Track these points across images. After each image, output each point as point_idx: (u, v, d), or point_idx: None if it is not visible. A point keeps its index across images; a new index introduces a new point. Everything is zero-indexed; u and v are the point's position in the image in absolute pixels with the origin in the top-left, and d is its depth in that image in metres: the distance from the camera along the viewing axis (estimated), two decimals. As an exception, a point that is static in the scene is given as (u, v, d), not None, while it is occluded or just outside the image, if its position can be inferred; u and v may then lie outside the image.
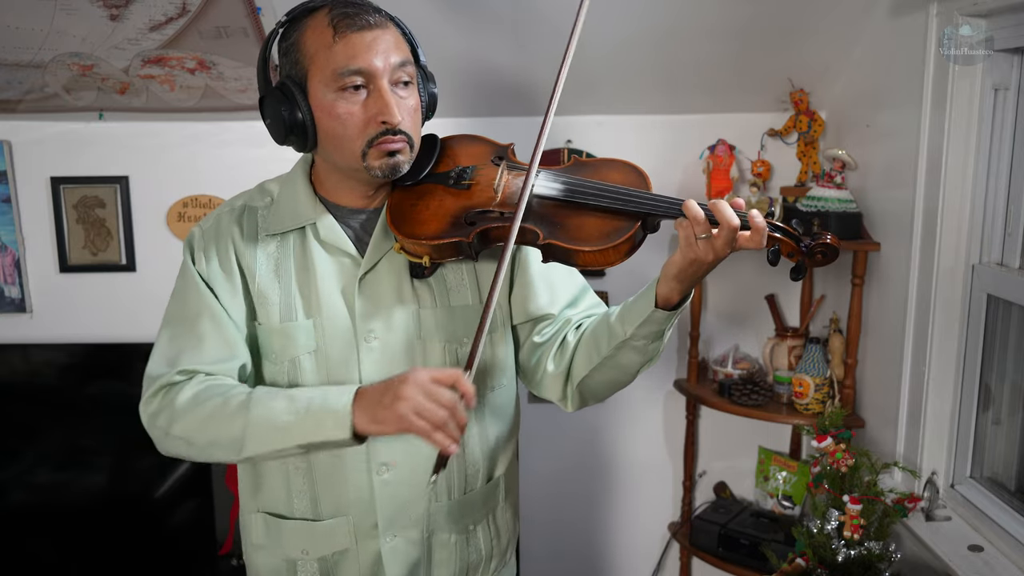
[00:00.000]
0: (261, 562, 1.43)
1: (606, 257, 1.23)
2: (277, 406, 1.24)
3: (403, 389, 1.16)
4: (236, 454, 1.26)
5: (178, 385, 1.30)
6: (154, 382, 1.32)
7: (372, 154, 1.27)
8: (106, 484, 2.54)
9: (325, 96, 1.25)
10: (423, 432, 1.15)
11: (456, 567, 1.43)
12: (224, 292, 1.34)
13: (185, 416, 1.27)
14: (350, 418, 1.19)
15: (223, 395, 1.27)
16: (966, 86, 1.90)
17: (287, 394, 1.26)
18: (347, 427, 1.19)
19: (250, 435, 1.24)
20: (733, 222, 1.14)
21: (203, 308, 1.33)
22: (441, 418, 1.15)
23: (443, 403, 1.15)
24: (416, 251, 1.30)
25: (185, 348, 1.32)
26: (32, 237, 2.58)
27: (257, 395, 1.27)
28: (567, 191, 1.27)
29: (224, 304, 1.34)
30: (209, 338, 1.32)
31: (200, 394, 1.28)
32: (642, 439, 2.78)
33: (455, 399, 1.16)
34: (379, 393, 1.19)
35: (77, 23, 2.08)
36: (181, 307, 1.35)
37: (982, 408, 2.02)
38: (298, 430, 1.22)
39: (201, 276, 1.34)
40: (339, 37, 1.22)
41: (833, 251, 1.19)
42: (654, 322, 1.25)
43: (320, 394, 1.24)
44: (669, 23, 2.18)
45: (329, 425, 1.20)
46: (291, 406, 1.23)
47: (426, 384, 1.16)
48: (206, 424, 1.26)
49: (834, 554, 1.89)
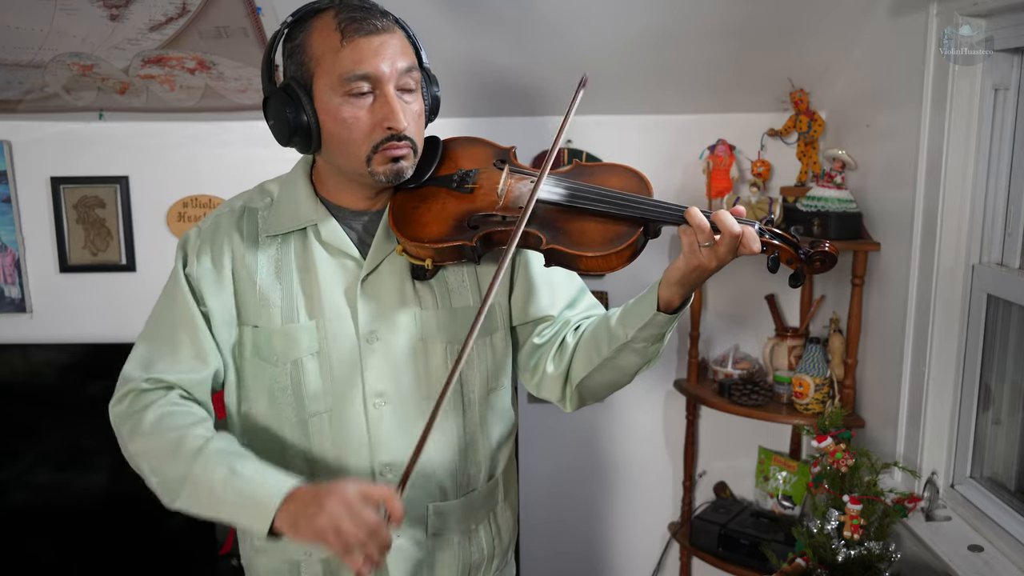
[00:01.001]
0: (262, 565, 1.42)
1: (608, 262, 1.23)
2: (217, 474, 1.21)
3: (327, 502, 1.14)
4: (170, 500, 1.26)
5: (148, 395, 1.31)
6: (126, 384, 1.33)
7: (377, 159, 1.27)
8: (106, 484, 2.54)
9: (331, 100, 1.24)
10: (337, 550, 1.13)
11: (459, 567, 1.43)
12: (210, 292, 1.34)
13: (144, 438, 1.28)
14: (272, 516, 1.17)
15: (183, 431, 1.26)
16: (966, 86, 1.90)
17: (231, 465, 1.22)
18: (266, 524, 1.17)
19: (186, 490, 1.23)
20: (735, 230, 1.15)
21: (186, 316, 1.33)
22: (357, 539, 1.13)
23: (365, 524, 1.13)
24: (418, 254, 1.31)
25: (160, 355, 1.33)
26: (32, 237, 2.58)
27: (208, 451, 1.24)
28: (570, 196, 1.28)
29: (208, 306, 1.34)
30: (184, 348, 1.33)
31: (164, 419, 1.28)
32: (642, 439, 2.79)
33: (378, 522, 1.14)
34: (307, 500, 1.17)
35: (77, 23, 2.08)
36: (164, 312, 1.37)
37: (982, 408, 2.02)
38: (226, 507, 1.21)
39: (189, 279, 1.35)
40: (347, 41, 1.22)
41: (831, 259, 1.20)
42: (655, 325, 1.26)
43: (260, 478, 1.21)
44: (669, 23, 2.18)
45: (251, 515, 1.18)
46: (229, 479, 1.21)
47: (351, 501, 1.14)
48: (157, 455, 1.27)
49: (834, 554, 1.89)
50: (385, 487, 1.19)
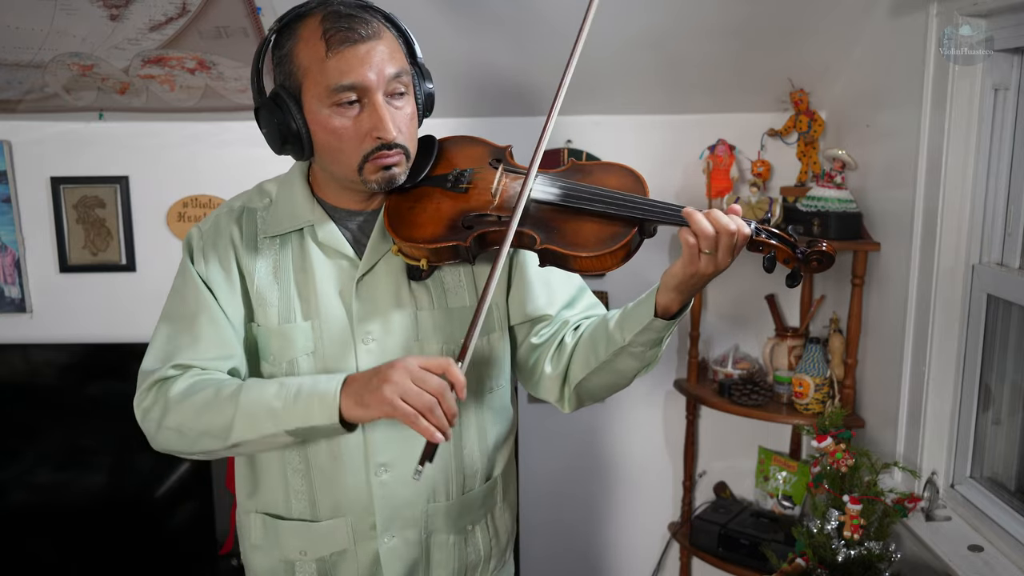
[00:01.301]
0: (259, 563, 1.43)
1: (603, 262, 1.23)
2: (268, 391, 1.24)
3: (390, 373, 1.16)
4: (224, 440, 1.25)
5: (171, 380, 1.30)
6: (148, 377, 1.32)
7: (368, 168, 1.27)
8: (106, 484, 2.54)
9: (319, 110, 1.24)
10: (407, 417, 1.14)
11: (455, 567, 1.43)
12: (222, 293, 1.34)
13: (178, 407, 1.27)
14: (337, 402, 1.19)
15: (215, 386, 1.27)
16: (966, 86, 1.90)
17: (279, 380, 1.26)
18: (334, 411, 1.19)
19: (239, 420, 1.23)
20: (730, 227, 1.15)
21: (201, 307, 1.33)
22: (427, 403, 1.14)
23: (430, 389, 1.14)
24: (414, 254, 1.30)
25: (181, 346, 1.32)
26: (32, 237, 2.59)
27: (250, 382, 1.27)
28: (564, 196, 1.27)
29: (222, 305, 1.34)
30: (206, 337, 1.32)
31: (193, 385, 1.28)
32: (642, 439, 2.78)
33: (443, 386, 1.15)
34: (368, 377, 1.20)
35: (77, 23, 2.08)
36: (179, 305, 1.35)
37: (982, 408, 2.02)
38: (285, 414, 1.22)
39: (200, 276, 1.34)
40: (332, 52, 1.21)
41: (829, 259, 1.19)
42: (653, 330, 1.26)
43: (311, 380, 1.24)
44: (669, 23, 2.18)
45: (316, 408, 1.20)
46: (280, 391, 1.23)
47: (414, 369, 1.16)
48: (198, 413, 1.26)
49: (834, 554, 1.89)
50: (442, 358, 1.19)
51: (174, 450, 1.32)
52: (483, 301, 1.22)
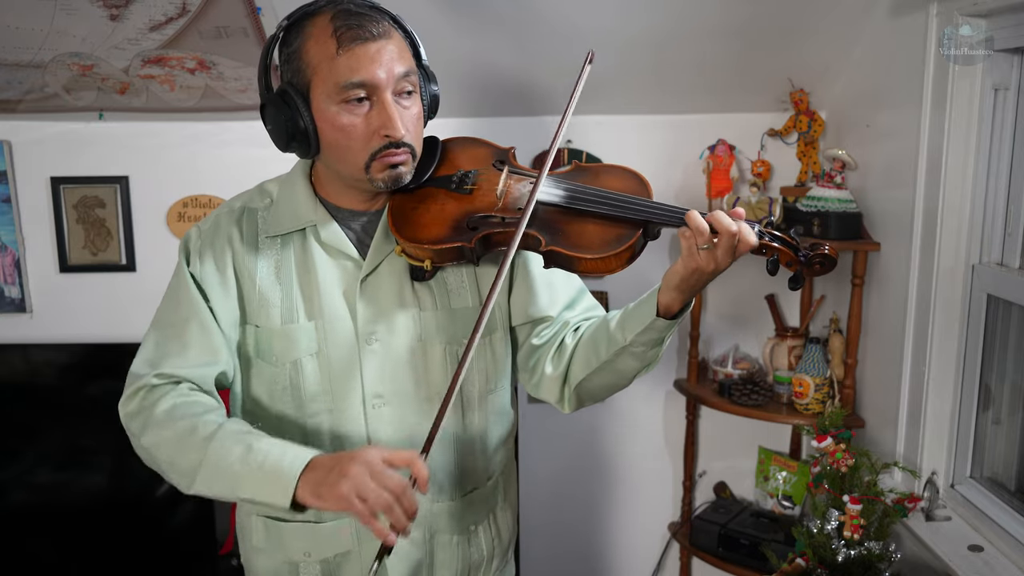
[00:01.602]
0: (261, 565, 1.43)
1: (607, 264, 1.23)
2: (234, 452, 1.20)
3: (350, 467, 1.12)
4: (186, 486, 1.24)
5: (157, 390, 1.29)
6: (135, 381, 1.32)
7: (375, 166, 1.27)
8: (106, 484, 2.54)
9: (328, 107, 1.24)
10: (361, 516, 1.11)
11: (458, 567, 1.43)
12: (216, 294, 1.34)
13: (156, 429, 1.26)
14: (293, 486, 1.15)
15: (194, 418, 1.25)
16: (966, 86, 1.90)
17: (247, 443, 1.20)
18: (288, 495, 1.15)
19: (202, 472, 1.21)
20: (731, 228, 1.15)
21: (192, 313, 1.33)
22: (384, 503, 1.10)
23: (389, 487, 1.11)
24: (417, 255, 1.30)
25: (169, 352, 1.32)
26: (32, 237, 2.58)
27: (223, 433, 1.23)
28: (569, 198, 1.27)
29: (214, 307, 1.33)
30: (194, 345, 1.32)
31: (175, 409, 1.26)
32: (642, 439, 2.79)
33: (404, 484, 1.12)
34: (328, 467, 1.15)
35: (77, 23, 2.08)
36: (171, 310, 1.36)
37: (982, 408, 2.02)
38: (244, 483, 1.18)
39: (194, 278, 1.34)
40: (342, 49, 1.21)
41: (831, 261, 1.20)
42: (655, 330, 1.26)
43: (278, 453, 1.19)
44: (669, 23, 2.18)
45: (272, 488, 1.16)
46: (246, 456, 1.19)
47: (375, 464, 1.12)
48: (170, 444, 1.25)
49: (834, 554, 1.89)
50: (408, 452, 1.17)
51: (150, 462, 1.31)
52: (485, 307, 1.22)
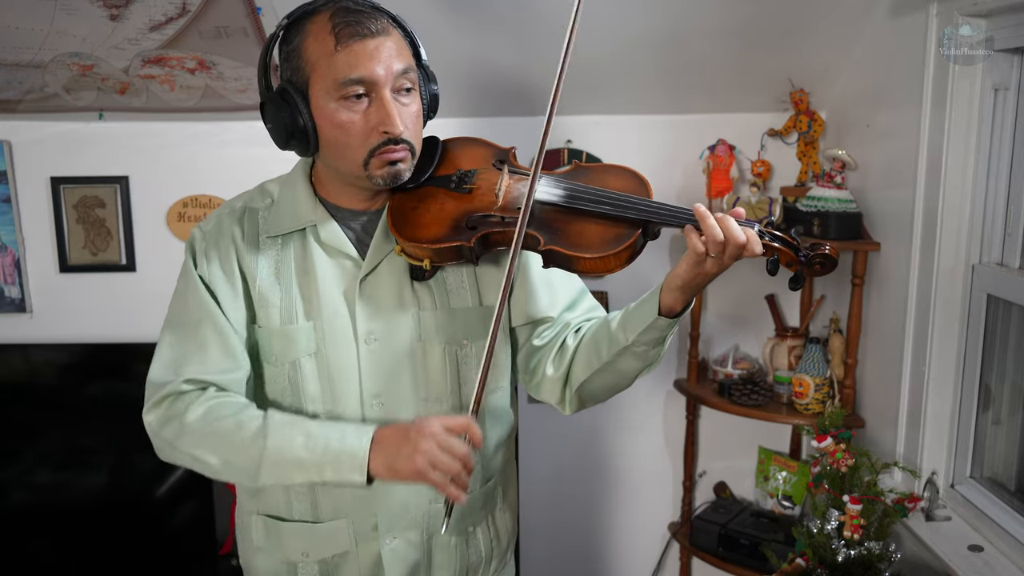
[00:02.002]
0: (260, 564, 1.43)
1: (606, 264, 1.23)
2: (296, 441, 1.25)
3: (421, 442, 1.19)
4: (251, 480, 1.27)
5: (186, 396, 1.30)
6: (159, 389, 1.31)
7: (374, 163, 1.27)
8: (106, 484, 2.54)
9: (327, 104, 1.24)
10: (438, 484, 1.19)
11: (456, 568, 1.43)
12: (225, 295, 1.34)
13: (195, 433, 1.27)
14: (367, 463, 1.22)
15: (235, 416, 1.27)
16: (966, 86, 1.90)
17: (304, 429, 1.27)
18: (364, 471, 1.22)
19: (266, 465, 1.25)
20: (740, 239, 1.15)
21: (205, 313, 1.33)
22: (456, 470, 1.18)
23: (457, 455, 1.19)
24: (417, 254, 1.30)
25: (188, 355, 1.32)
26: (32, 237, 2.58)
27: (273, 424, 1.27)
28: (568, 197, 1.27)
29: (225, 308, 1.33)
30: (212, 346, 1.32)
31: (211, 411, 1.28)
32: (642, 439, 2.78)
33: (468, 450, 1.20)
34: (397, 442, 1.22)
35: (77, 23, 2.08)
36: (183, 311, 1.35)
37: (982, 408, 2.02)
38: (315, 467, 1.24)
39: (203, 279, 1.34)
40: (341, 46, 1.21)
41: (832, 261, 1.19)
42: (656, 329, 1.26)
43: (338, 433, 1.25)
44: (669, 23, 2.18)
45: (346, 467, 1.22)
46: (309, 443, 1.24)
47: (441, 436, 1.19)
48: (219, 445, 1.27)
49: (834, 554, 1.89)
50: (463, 418, 1.22)
51: (187, 467, 1.33)
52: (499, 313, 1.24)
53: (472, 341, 1.37)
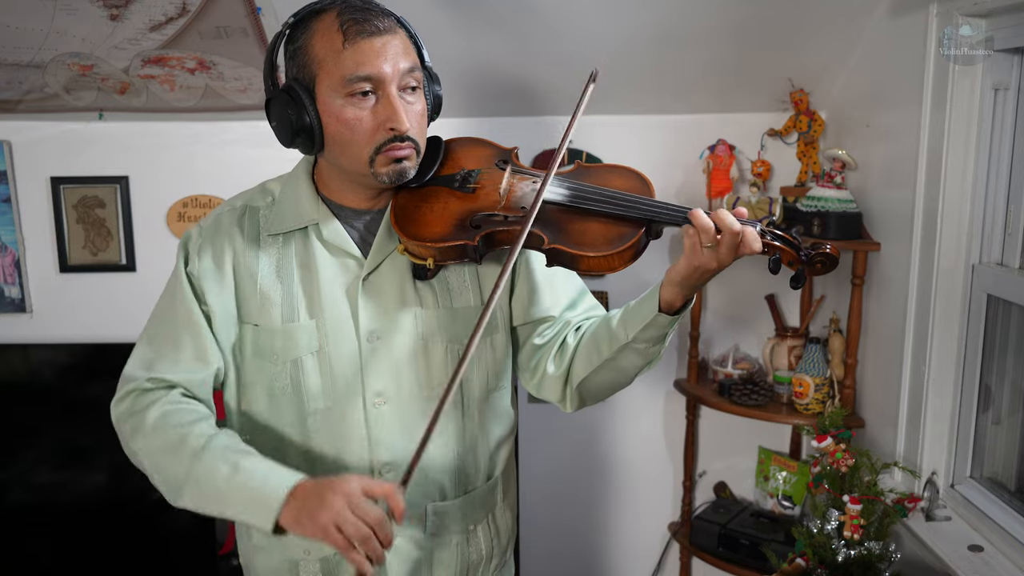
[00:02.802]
0: (261, 563, 1.43)
1: (610, 263, 1.24)
2: (221, 471, 1.22)
3: (329, 498, 1.15)
4: (173, 499, 1.27)
5: (149, 395, 1.31)
6: (127, 383, 1.33)
7: (379, 160, 1.27)
8: (106, 484, 2.54)
9: (333, 101, 1.25)
10: (339, 547, 1.13)
11: (457, 567, 1.43)
12: (212, 291, 1.34)
13: (146, 436, 1.28)
14: (276, 514, 1.17)
15: (185, 428, 1.27)
16: (966, 86, 1.90)
17: (234, 463, 1.22)
18: (271, 520, 1.17)
19: (189, 488, 1.24)
20: (735, 228, 1.15)
21: (186, 317, 1.34)
22: (362, 535, 1.13)
23: (368, 519, 1.13)
24: (420, 253, 1.31)
25: (162, 355, 1.33)
26: (32, 237, 2.58)
27: (211, 448, 1.24)
28: (572, 196, 1.28)
29: (210, 305, 1.34)
30: (187, 349, 1.33)
31: (166, 417, 1.28)
32: (642, 439, 2.79)
33: (381, 517, 1.14)
34: (309, 496, 1.17)
35: (77, 23, 2.08)
36: (166, 312, 1.37)
37: (982, 408, 2.02)
38: (230, 504, 1.21)
39: (191, 278, 1.35)
40: (349, 43, 1.22)
41: (833, 260, 1.20)
42: (657, 326, 1.26)
43: (262, 475, 1.21)
44: (669, 24, 2.19)
45: (256, 511, 1.18)
46: (232, 476, 1.21)
47: (354, 496, 1.15)
48: (159, 453, 1.27)
49: (834, 554, 1.89)
50: (387, 484, 1.18)
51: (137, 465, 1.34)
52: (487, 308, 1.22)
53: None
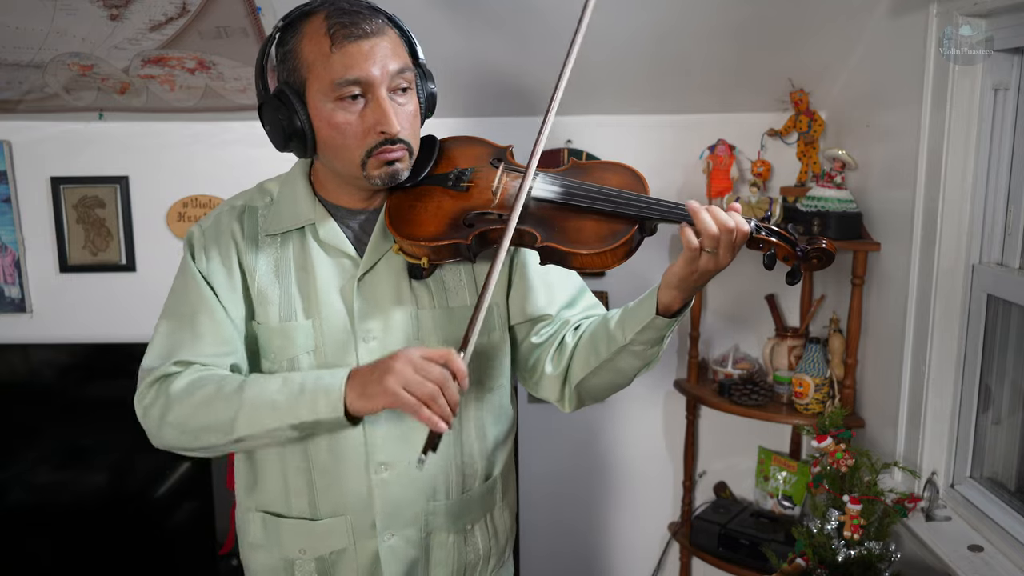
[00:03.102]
0: (259, 561, 1.43)
1: (603, 260, 1.24)
2: (271, 386, 1.25)
3: (393, 364, 1.18)
4: (227, 435, 1.26)
5: (173, 376, 1.30)
6: (149, 374, 1.32)
7: (371, 163, 1.27)
8: (106, 484, 2.54)
9: (324, 106, 1.25)
10: (410, 407, 1.15)
11: (454, 567, 1.43)
12: (223, 289, 1.34)
13: (180, 403, 1.27)
14: (342, 396, 1.20)
15: (217, 382, 1.28)
16: (966, 86, 1.90)
17: (282, 376, 1.27)
18: (339, 405, 1.20)
19: (243, 415, 1.24)
20: (728, 223, 1.15)
21: (202, 304, 1.33)
22: (429, 393, 1.15)
23: (432, 378, 1.16)
24: (415, 252, 1.31)
25: (182, 342, 1.32)
26: (32, 237, 2.59)
27: (252, 378, 1.28)
28: (565, 194, 1.28)
29: (223, 302, 1.34)
30: (207, 333, 1.32)
31: (195, 382, 1.28)
32: (642, 439, 2.78)
33: (445, 375, 1.16)
34: (370, 368, 1.21)
35: (77, 23, 2.08)
36: (180, 302, 1.36)
37: (982, 408, 2.02)
38: (290, 408, 1.22)
39: (201, 273, 1.35)
40: (336, 47, 1.22)
41: (828, 256, 1.20)
42: (655, 328, 1.26)
43: (314, 375, 1.26)
44: (669, 23, 2.18)
45: (321, 402, 1.21)
46: (284, 386, 1.25)
47: (416, 359, 1.17)
48: (200, 409, 1.26)
49: (834, 554, 1.89)
50: (445, 349, 1.19)
51: (175, 446, 1.32)
52: (484, 293, 1.22)
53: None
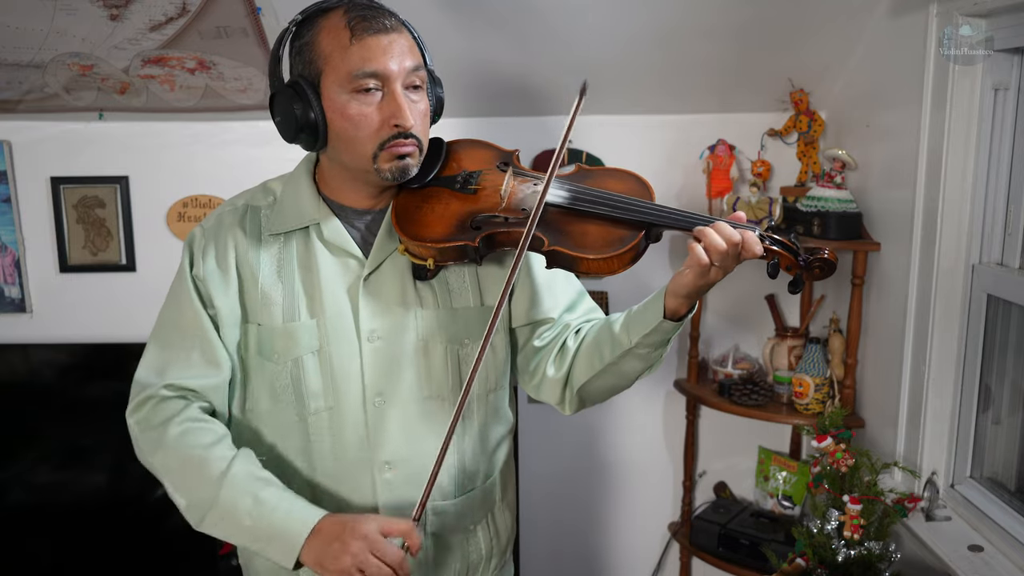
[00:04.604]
0: (261, 563, 1.42)
1: (609, 265, 1.24)
2: (243, 505, 1.25)
3: (351, 543, 1.19)
4: (196, 523, 1.29)
5: (168, 404, 1.32)
6: (142, 390, 1.34)
7: (383, 157, 1.28)
8: (106, 484, 2.54)
9: (339, 97, 1.25)
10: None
11: (457, 567, 1.43)
12: (218, 292, 1.34)
13: (167, 453, 1.30)
14: (298, 552, 1.22)
15: (206, 450, 1.29)
16: (966, 86, 1.90)
17: (255, 495, 1.25)
18: (292, 558, 1.22)
19: (212, 515, 1.27)
20: (735, 238, 1.17)
21: (194, 320, 1.34)
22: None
23: (388, 561, 1.19)
24: (420, 253, 1.31)
25: (174, 360, 1.34)
26: (32, 237, 2.58)
27: (233, 473, 1.27)
28: (573, 199, 1.29)
29: (216, 307, 1.34)
30: (196, 353, 1.34)
31: (187, 434, 1.30)
32: (642, 439, 2.79)
33: (401, 557, 1.20)
34: (331, 537, 1.21)
35: (77, 23, 2.08)
36: (173, 315, 1.37)
37: (982, 408, 2.02)
38: (251, 536, 1.25)
39: (196, 281, 1.35)
40: (356, 39, 1.23)
41: (831, 266, 1.21)
42: (661, 332, 1.27)
43: (285, 510, 1.24)
44: (670, 24, 2.19)
45: (277, 548, 1.23)
46: (254, 510, 1.24)
47: (374, 540, 1.20)
48: (181, 472, 1.30)
49: (834, 554, 1.89)
50: (404, 521, 1.22)
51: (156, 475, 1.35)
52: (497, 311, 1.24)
53: (473, 341, 1.38)
